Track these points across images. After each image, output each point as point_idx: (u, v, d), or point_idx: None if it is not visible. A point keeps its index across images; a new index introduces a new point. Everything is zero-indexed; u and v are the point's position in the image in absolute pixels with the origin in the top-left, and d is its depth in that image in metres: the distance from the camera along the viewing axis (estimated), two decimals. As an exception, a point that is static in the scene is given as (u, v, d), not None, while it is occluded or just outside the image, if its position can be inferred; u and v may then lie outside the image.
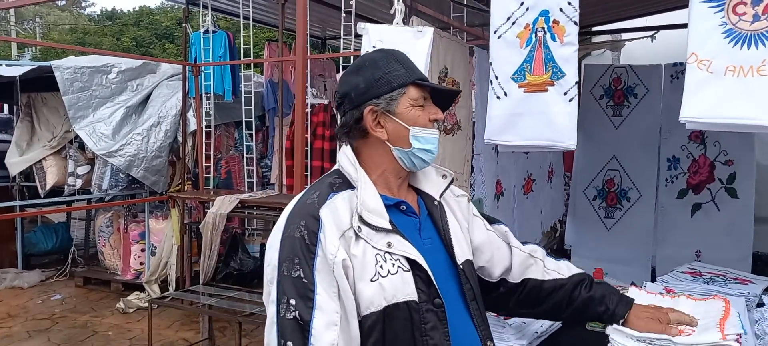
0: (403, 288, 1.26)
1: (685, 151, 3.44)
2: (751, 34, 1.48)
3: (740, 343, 1.42)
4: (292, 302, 1.22)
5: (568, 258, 3.89)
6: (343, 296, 1.23)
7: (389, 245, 1.27)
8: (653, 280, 3.08)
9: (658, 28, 3.52)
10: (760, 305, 1.99)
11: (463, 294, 1.39)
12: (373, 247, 1.26)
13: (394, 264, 1.27)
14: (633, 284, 1.94)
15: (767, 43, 1.46)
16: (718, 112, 1.52)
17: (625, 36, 3.80)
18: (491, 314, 1.89)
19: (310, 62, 5.32)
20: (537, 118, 1.76)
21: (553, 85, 1.73)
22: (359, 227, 1.26)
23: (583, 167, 3.73)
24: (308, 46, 4.83)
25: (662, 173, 3.51)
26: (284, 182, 5.43)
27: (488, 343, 1.41)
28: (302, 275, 1.23)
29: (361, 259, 1.25)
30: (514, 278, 1.57)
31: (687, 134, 3.41)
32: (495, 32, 1.84)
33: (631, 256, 3.50)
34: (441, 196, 1.46)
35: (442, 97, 1.43)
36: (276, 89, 5.71)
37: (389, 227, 1.29)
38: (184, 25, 5.47)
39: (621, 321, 1.51)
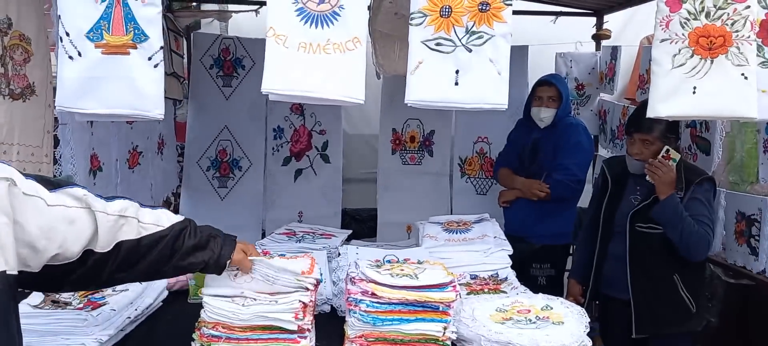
0: None
1: (288, 121, 3.74)
2: (318, 15, 1.64)
3: (316, 288, 1.64)
4: None
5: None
6: None
7: None
8: (263, 242, 3.27)
9: (261, 3, 3.71)
10: (339, 254, 2.31)
11: None
12: None
13: None
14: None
15: (330, 25, 1.64)
16: (294, 86, 1.66)
17: (231, 7, 3.88)
18: (74, 308, 1.67)
19: None
20: (119, 83, 1.59)
21: (135, 47, 1.59)
22: None
23: (196, 138, 3.68)
24: None
25: (269, 142, 3.75)
26: None
27: None
28: None
29: None
30: (104, 246, 1.33)
31: (289, 106, 3.72)
32: (60, -20, 1.57)
33: (244, 222, 3.64)
34: None
35: None
36: None
37: None
38: None
39: (228, 262, 1.52)
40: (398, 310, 1.62)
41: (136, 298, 1.86)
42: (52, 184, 1.28)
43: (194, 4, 4.00)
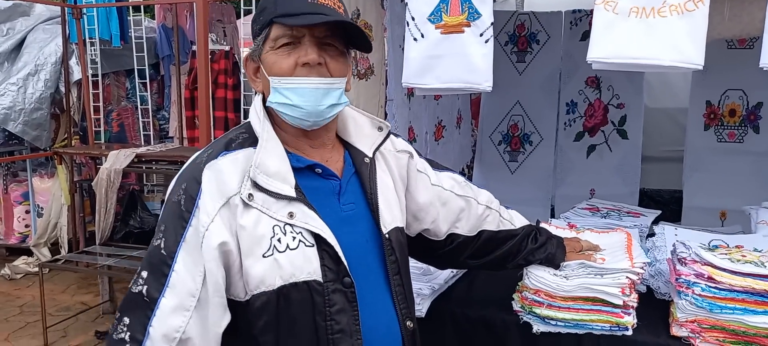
0: (304, 266, 1.11)
1: (582, 95, 3.62)
2: (653, -23, 1.54)
3: (644, 269, 1.55)
4: (144, 274, 1.08)
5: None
6: (208, 276, 1.07)
7: (291, 215, 1.10)
8: (553, 217, 3.28)
9: (559, -25, 3.65)
10: (651, 235, 2.17)
11: (385, 268, 1.23)
12: (270, 217, 1.10)
13: (294, 238, 1.10)
14: (538, 221, 2.04)
15: (668, -15, 1.52)
16: (622, 52, 1.59)
17: (528, -18, 3.90)
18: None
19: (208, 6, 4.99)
20: (454, 59, 1.75)
21: (469, 26, 1.72)
22: (250, 195, 1.09)
23: (489, 113, 3.83)
24: (206, -13, 4.50)
25: (561, 117, 3.69)
26: (184, 135, 5.15)
27: (408, 323, 1.26)
28: (162, 246, 1.08)
29: (251, 231, 1.08)
30: (469, 231, 1.49)
31: (584, 79, 3.59)
32: (410, -29, 1.79)
33: (533, 196, 3.67)
34: (375, 151, 1.27)
35: (353, 37, 1.19)
36: (170, 35, 5.32)
37: (293, 194, 1.12)
38: (60, -39, 4.90)
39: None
40: (742, 299, 1.45)
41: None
42: (436, 165, 1.48)
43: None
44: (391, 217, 1.25)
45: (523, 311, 1.63)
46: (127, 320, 1.08)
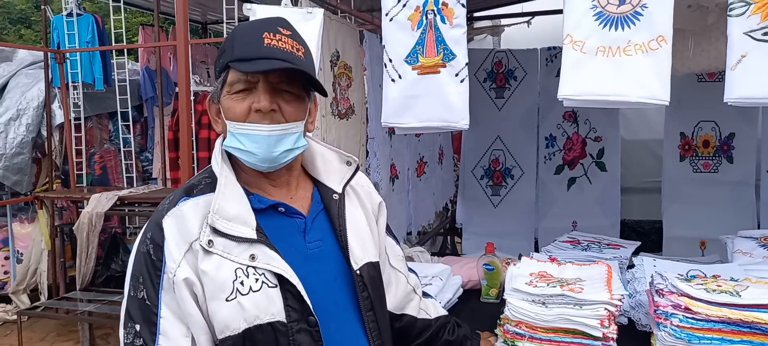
0: (268, 307, 1.09)
1: (561, 129, 3.69)
2: (617, 17, 1.61)
3: (622, 302, 1.57)
4: (138, 327, 1.10)
5: (460, 236, 4.06)
6: (189, 318, 1.09)
7: (253, 257, 1.10)
8: (536, 251, 3.30)
9: (533, 14, 3.75)
10: (631, 266, 2.19)
11: (358, 304, 1.21)
12: (231, 261, 1.10)
13: (257, 280, 1.09)
14: (520, 255, 2.06)
15: (631, 25, 1.59)
16: (591, 90, 1.64)
17: (504, 21, 4.00)
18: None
19: (192, 48, 5.04)
20: (431, 99, 1.79)
21: (445, 66, 1.77)
22: (210, 241, 1.09)
23: (471, 148, 3.89)
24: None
25: (541, 151, 3.75)
26: (168, 176, 5.12)
27: None
28: (146, 297, 1.10)
29: (213, 276, 1.08)
30: (397, 308, 1.45)
31: (561, 114, 3.67)
32: (387, 15, 1.84)
33: (516, 230, 3.71)
34: (344, 186, 1.26)
35: (312, 80, 1.17)
36: (154, 77, 5.35)
37: (253, 236, 1.11)
38: (43, 7, 4.93)
39: None
40: (718, 329, 1.47)
41: (439, 292, 2.05)
42: (388, 228, 1.44)
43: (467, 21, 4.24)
44: (362, 252, 1.23)
45: (505, 347, 1.64)
46: None
